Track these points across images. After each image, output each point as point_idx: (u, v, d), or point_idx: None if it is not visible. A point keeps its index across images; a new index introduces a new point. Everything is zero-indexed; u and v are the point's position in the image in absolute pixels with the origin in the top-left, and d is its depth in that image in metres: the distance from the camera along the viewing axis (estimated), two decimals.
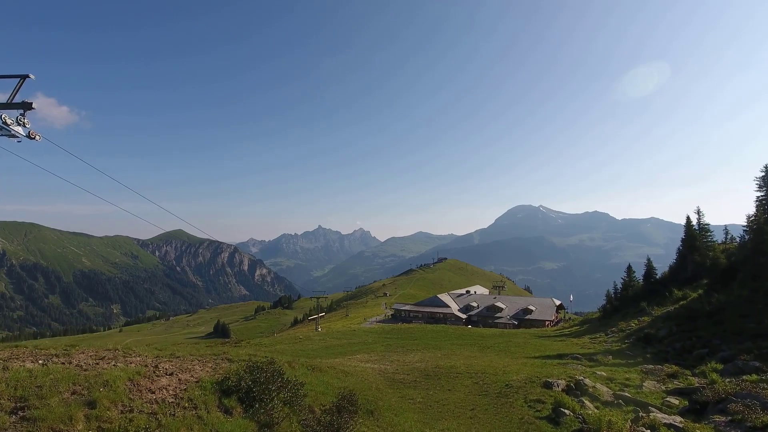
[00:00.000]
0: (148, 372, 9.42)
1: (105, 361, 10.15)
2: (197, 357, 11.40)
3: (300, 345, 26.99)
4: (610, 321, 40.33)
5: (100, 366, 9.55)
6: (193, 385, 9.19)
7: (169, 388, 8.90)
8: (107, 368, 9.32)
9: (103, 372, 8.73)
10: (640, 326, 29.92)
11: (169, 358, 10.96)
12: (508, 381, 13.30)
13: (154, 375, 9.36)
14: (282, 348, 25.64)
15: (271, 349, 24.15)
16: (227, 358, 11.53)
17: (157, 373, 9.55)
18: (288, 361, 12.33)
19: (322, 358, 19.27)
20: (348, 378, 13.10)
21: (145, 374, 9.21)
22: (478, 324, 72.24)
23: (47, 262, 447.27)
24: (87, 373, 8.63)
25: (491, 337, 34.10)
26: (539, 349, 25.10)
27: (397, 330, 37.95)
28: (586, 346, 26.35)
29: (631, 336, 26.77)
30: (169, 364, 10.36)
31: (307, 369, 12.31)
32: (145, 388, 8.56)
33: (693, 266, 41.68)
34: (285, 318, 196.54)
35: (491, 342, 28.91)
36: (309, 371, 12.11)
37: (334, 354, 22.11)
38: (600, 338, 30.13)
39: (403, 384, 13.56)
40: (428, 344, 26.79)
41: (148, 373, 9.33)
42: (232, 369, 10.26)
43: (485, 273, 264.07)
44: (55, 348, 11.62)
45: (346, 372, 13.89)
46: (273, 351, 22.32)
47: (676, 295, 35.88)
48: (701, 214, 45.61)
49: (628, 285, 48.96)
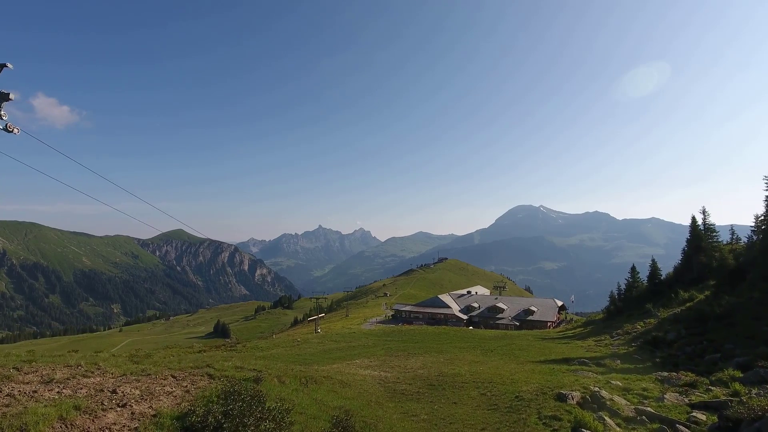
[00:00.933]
0: (95, 403, 7.54)
1: (50, 386, 8.32)
2: (173, 372, 9.95)
3: (297, 349, 26.11)
4: (614, 322, 39.63)
5: (37, 395, 7.71)
6: (148, 423, 7.18)
7: (114, 428, 6.88)
8: (45, 398, 7.50)
9: (28, 410, 6.74)
10: (646, 328, 29.24)
11: (138, 376, 9.36)
12: (518, 392, 12.13)
13: (100, 408, 7.37)
14: (278, 353, 24.88)
15: (267, 353, 23.26)
16: (208, 373, 9.95)
17: (109, 403, 7.69)
18: (278, 374, 10.87)
19: (320, 363, 18.37)
20: (346, 390, 11.94)
21: (88, 408, 7.26)
22: (479, 325, 71.56)
23: (47, 262, 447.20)
24: (8, 410, 6.79)
25: (493, 339, 33.40)
26: (543, 352, 24.39)
27: (398, 332, 37.22)
28: (591, 350, 25.66)
29: (638, 339, 26.08)
30: (133, 387, 8.66)
31: (299, 383, 10.87)
32: None
33: (698, 267, 40.94)
34: (285, 318, 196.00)
35: (494, 345, 28.16)
36: (302, 386, 10.65)
37: (332, 359, 21.25)
38: (605, 341, 29.43)
39: (406, 396, 12.39)
40: (430, 347, 25.98)
41: (93, 406, 7.37)
42: (204, 394, 8.54)
43: (486, 273, 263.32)
44: (4, 365, 9.89)
45: (344, 383, 12.80)
46: (268, 356, 21.39)
47: (682, 297, 35.19)
48: (706, 214, 44.87)
49: (632, 286, 48.20)
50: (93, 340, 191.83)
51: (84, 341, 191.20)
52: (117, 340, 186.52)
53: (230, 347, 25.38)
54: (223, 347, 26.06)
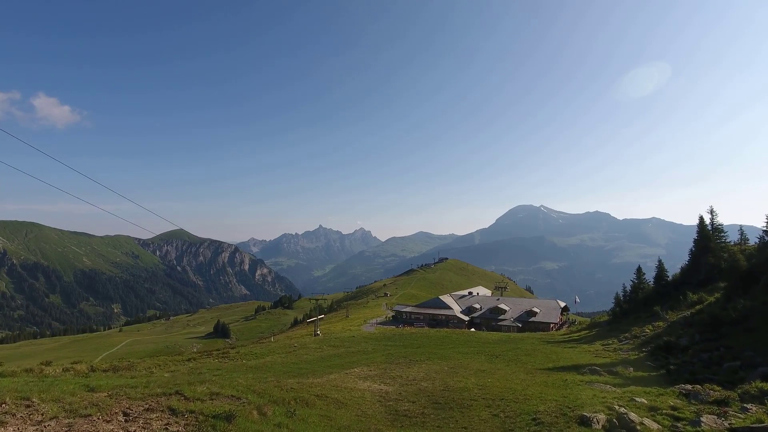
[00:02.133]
0: None
1: None
2: (129, 405, 7.88)
3: (294, 355, 24.87)
4: (620, 325, 38.67)
5: None
6: None
7: None
8: None
9: None
10: (655, 332, 28.28)
11: (75, 418, 7.15)
12: (535, 413, 10.56)
13: None
14: (273, 360, 23.61)
15: (261, 361, 21.96)
16: (171, 407, 7.68)
17: None
18: (259, 404, 8.76)
19: (316, 373, 17.11)
20: (342, 414, 10.33)
21: None
22: (481, 326, 70.68)
23: (48, 262, 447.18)
24: None
25: (497, 343, 32.39)
26: (551, 358, 23.41)
27: (399, 336, 36.12)
28: (600, 355, 24.70)
29: (648, 343, 25.13)
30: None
31: (285, 413, 8.75)
32: None
33: (707, 268, 39.98)
34: (285, 318, 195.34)
35: (498, 350, 27.14)
36: (287, 418, 8.51)
37: (330, 367, 20.15)
38: (613, 345, 28.48)
39: (409, 419, 10.73)
40: (433, 353, 24.90)
41: None
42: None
43: (486, 273, 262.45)
44: None
45: (340, 402, 11.39)
46: (262, 366, 20.09)
47: (691, 299, 34.23)
48: (714, 214, 43.82)
49: (638, 287, 47.18)
50: (93, 340, 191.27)
51: (84, 341, 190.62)
52: (116, 340, 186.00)
53: (223, 354, 24.25)
54: (217, 353, 24.91)
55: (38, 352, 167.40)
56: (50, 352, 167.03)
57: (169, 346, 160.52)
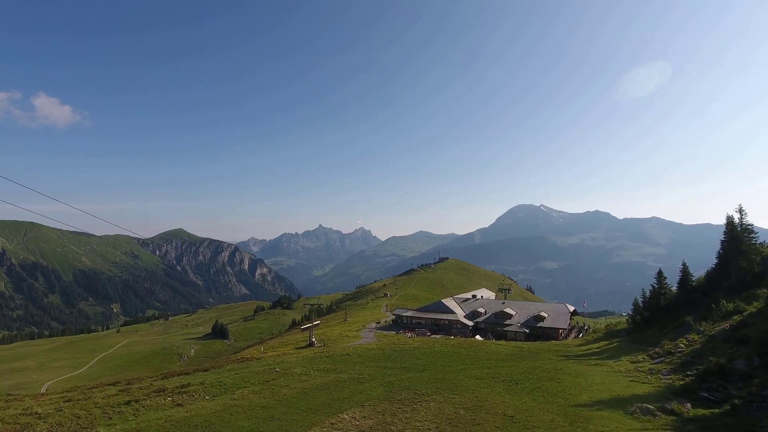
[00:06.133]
0: None
1: None
2: None
3: (269, 389, 20.20)
4: (644, 336, 35.26)
5: None
6: None
7: None
8: None
9: None
10: (693, 348, 24.86)
11: None
12: None
13: None
14: (241, 397, 19.20)
15: (225, 402, 17.16)
16: None
17: None
18: None
19: (290, 426, 13.63)
20: None
21: None
22: (486, 332, 67.32)
23: (47, 261, 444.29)
24: None
25: (511, 359, 28.81)
26: (581, 385, 19.92)
27: (400, 353, 32.07)
28: (636, 378, 21.28)
29: (691, 364, 21.71)
30: None
31: None
32: None
33: (738, 273, 36.56)
34: (284, 318, 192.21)
35: (516, 371, 23.41)
36: None
37: (313, 409, 16.33)
38: (645, 363, 25.04)
39: None
40: (441, 380, 21.21)
41: None
42: None
43: (487, 273, 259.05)
44: None
45: None
46: (221, 411, 15.81)
47: (726, 308, 30.76)
48: (743, 213, 40.29)
49: (659, 293, 43.61)
50: (90, 342, 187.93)
51: (80, 342, 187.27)
52: (113, 342, 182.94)
53: (182, 388, 19.91)
54: (174, 388, 20.14)
55: (34, 354, 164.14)
56: (46, 353, 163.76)
57: (166, 348, 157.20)
